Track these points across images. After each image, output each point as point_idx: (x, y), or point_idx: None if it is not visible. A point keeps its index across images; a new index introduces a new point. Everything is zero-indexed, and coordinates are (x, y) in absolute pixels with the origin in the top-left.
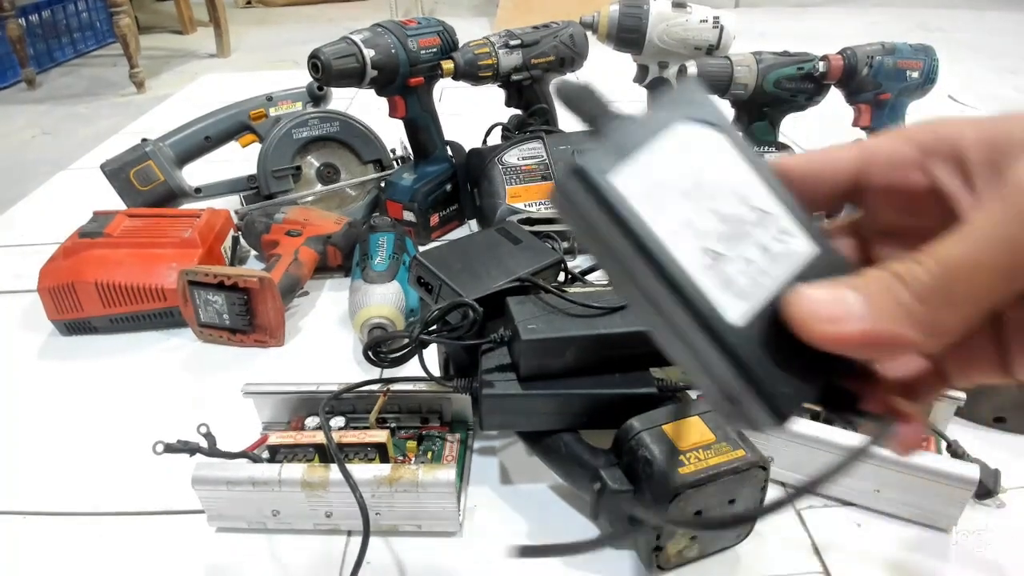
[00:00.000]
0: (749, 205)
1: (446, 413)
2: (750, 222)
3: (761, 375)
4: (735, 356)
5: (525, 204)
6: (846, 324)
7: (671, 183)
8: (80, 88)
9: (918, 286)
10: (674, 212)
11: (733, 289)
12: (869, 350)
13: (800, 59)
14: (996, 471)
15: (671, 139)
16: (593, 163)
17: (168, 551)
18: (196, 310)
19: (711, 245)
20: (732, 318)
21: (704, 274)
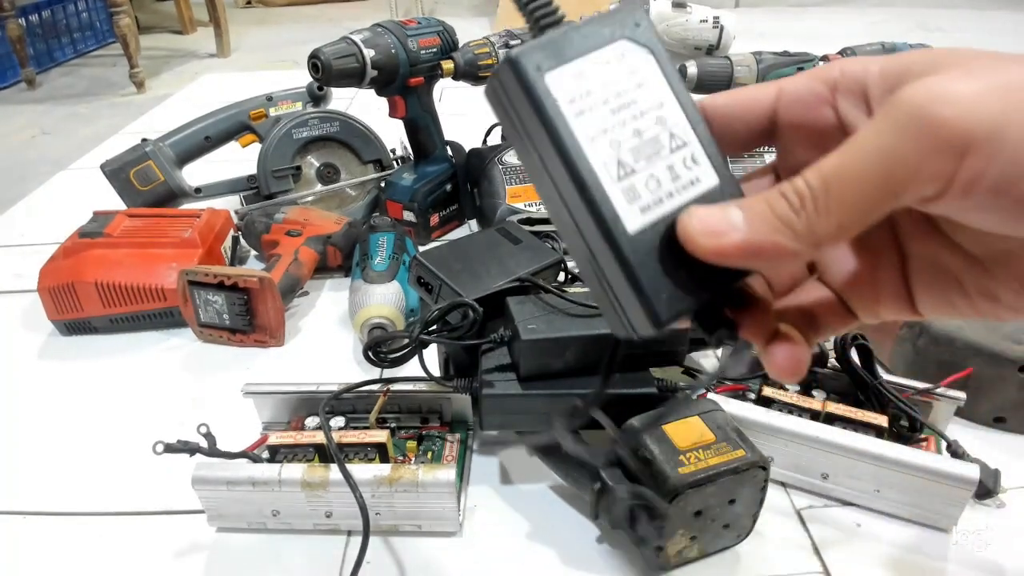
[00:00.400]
0: (667, 130)
1: (446, 413)
2: (665, 145)
3: (645, 280)
4: (624, 259)
5: (525, 204)
6: (727, 236)
7: (600, 94)
8: (80, 88)
9: (794, 197)
10: (597, 121)
11: (636, 201)
12: (748, 259)
13: (800, 59)
14: (996, 471)
15: (609, 53)
16: (530, 58)
17: (168, 551)
18: (196, 310)
19: (625, 158)
20: (629, 226)
21: (612, 182)
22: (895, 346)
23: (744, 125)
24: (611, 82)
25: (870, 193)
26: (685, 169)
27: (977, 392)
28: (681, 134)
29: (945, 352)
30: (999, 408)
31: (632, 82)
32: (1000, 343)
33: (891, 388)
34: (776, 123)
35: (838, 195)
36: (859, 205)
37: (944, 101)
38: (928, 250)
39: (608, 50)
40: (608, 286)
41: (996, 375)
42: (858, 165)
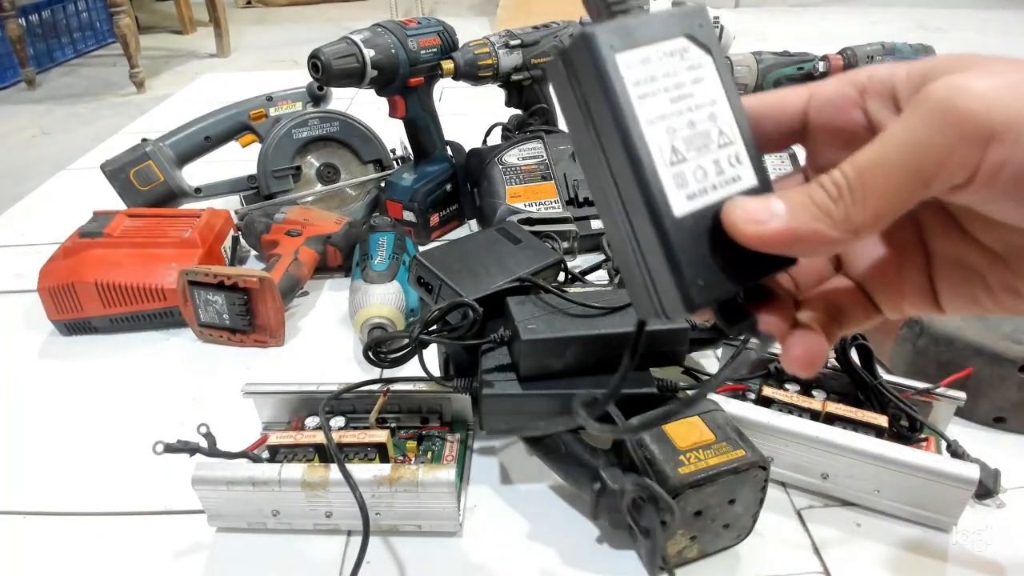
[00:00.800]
0: (717, 127)
1: (446, 413)
2: (714, 140)
3: (684, 263)
4: (667, 240)
5: (525, 204)
6: (769, 224)
7: (662, 82)
8: (80, 88)
9: (832, 187)
10: (657, 106)
11: (684, 188)
12: (788, 246)
13: (800, 59)
14: (996, 471)
15: (673, 46)
16: (604, 36)
17: (168, 551)
18: (196, 310)
19: (678, 145)
20: (675, 210)
21: (665, 166)
22: (895, 346)
23: (775, 125)
24: (672, 73)
25: (903, 182)
26: (729, 166)
27: (977, 392)
28: (729, 133)
29: (945, 352)
30: (999, 408)
31: (691, 76)
32: (1000, 343)
33: (891, 388)
34: (807, 124)
35: (873, 185)
36: (893, 194)
37: (968, 95)
38: (951, 248)
39: (672, 43)
40: (645, 266)
41: (996, 375)
42: (891, 156)
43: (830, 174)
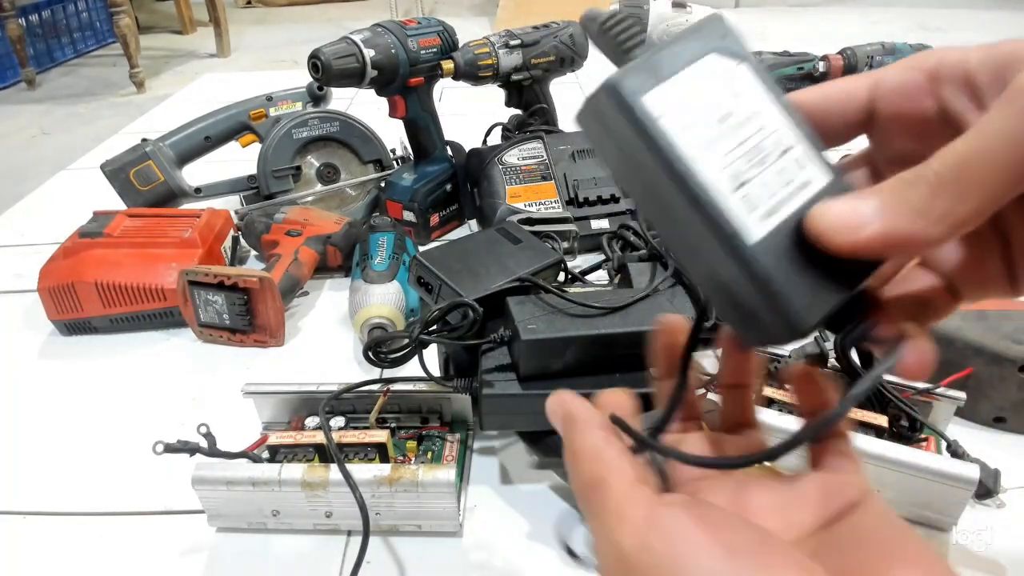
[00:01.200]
0: (771, 136)
1: (446, 413)
2: (771, 151)
3: (779, 290)
4: (754, 271)
5: (525, 204)
6: (863, 229)
7: (700, 109)
8: (80, 88)
9: (929, 183)
10: (702, 136)
11: (755, 211)
12: (886, 250)
13: (800, 59)
14: (996, 471)
15: (702, 68)
16: (627, 82)
17: (168, 551)
18: (196, 310)
19: (735, 169)
20: (753, 236)
21: (728, 196)
22: None
23: (840, 119)
24: (709, 95)
25: (1003, 176)
26: (796, 172)
27: (977, 392)
28: (785, 138)
29: (945, 352)
30: (999, 408)
31: (729, 92)
32: (1000, 343)
33: (891, 388)
34: (873, 115)
35: (973, 179)
36: (994, 188)
37: None
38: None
39: (700, 64)
40: (739, 301)
41: (996, 375)
42: (991, 150)
43: (924, 168)
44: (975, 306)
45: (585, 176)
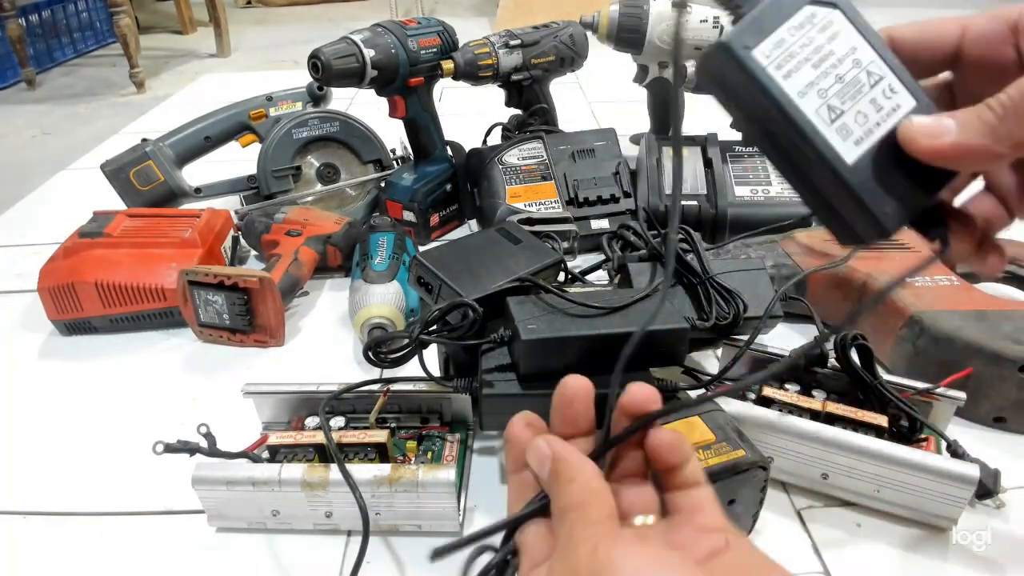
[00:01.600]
0: (864, 70)
1: (446, 413)
2: (864, 83)
3: (871, 200)
4: (850, 190)
5: (525, 204)
6: (943, 138)
7: (800, 54)
8: (80, 88)
9: (999, 108)
10: (803, 77)
11: (850, 137)
12: (959, 159)
13: None
14: (996, 471)
15: (800, 18)
16: (737, 39)
17: (168, 551)
18: (196, 310)
19: (833, 103)
20: (848, 159)
21: (826, 126)
22: (895, 346)
23: (929, 56)
24: (807, 42)
25: None
26: (886, 99)
27: (977, 392)
28: (877, 70)
29: (945, 352)
30: (999, 408)
31: (825, 36)
32: (1000, 343)
33: (891, 388)
34: (959, 56)
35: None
36: None
37: None
38: None
39: (798, 16)
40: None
41: (996, 375)
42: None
43: (996, 97)
44: (975, 306)
45: (585, 176)
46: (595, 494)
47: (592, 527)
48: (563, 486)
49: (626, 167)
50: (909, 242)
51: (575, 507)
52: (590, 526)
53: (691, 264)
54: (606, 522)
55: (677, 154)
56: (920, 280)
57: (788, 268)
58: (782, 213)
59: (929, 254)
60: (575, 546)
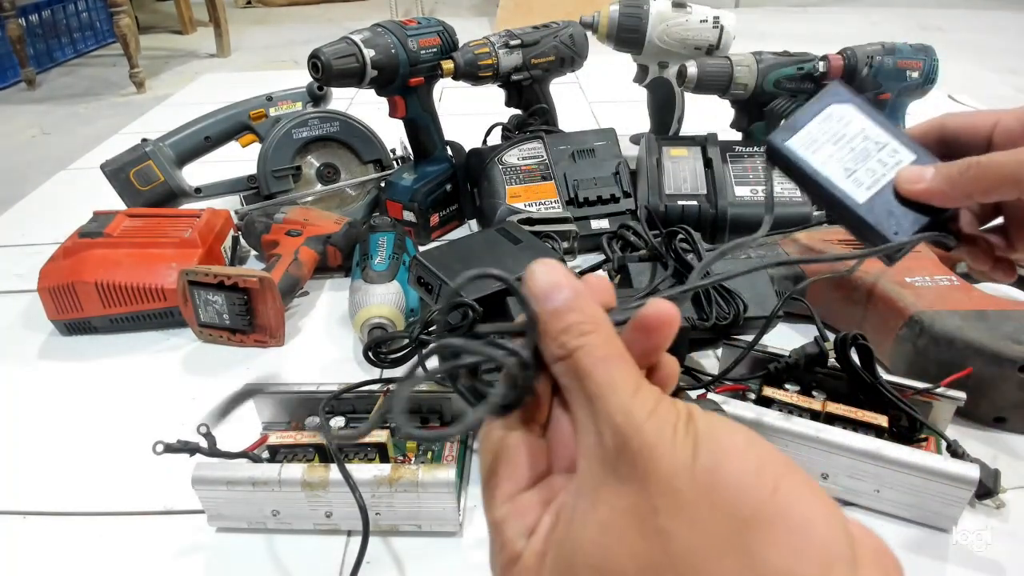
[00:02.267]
0: (872, 141)
1: (446, 413)
2: (872, 150)
3: (876, 225)
4: (862, 217)
5: (525, 204)
6: (919, 184)
7: (823, 138)
8: (80, 88)
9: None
10: (824, 152)
11: (861, 185)
12: (930, 199)
13: (800, 59)
14: (996, 471)
15: (824, 115)
16: (776, 138)
17: (168, 551)
18: (196, 310)
19: (848, 165)
20: (860, 199)
21: (843, 180)
22: (895, 346)
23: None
24: (828, 129)
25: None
26: (889, 158)
27: (977, 392)
28: (882, 140)
29: (945, 352)
30: (999, 408)
31: (840, 124)
32: (1000, 343)
33: (891, 388)
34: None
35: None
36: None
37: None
38: None
39: (823, 114)
40: (862, 232)
41: (996, 375)
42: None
43: (964, 160)
44: (975, 306)
45: (585, 176)
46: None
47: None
48: (590, 330)
49: (626, 167)
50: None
51: (623, 359)
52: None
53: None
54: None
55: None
56: (920, 280)
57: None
58: (782, 213)
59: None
60: (658, 400)
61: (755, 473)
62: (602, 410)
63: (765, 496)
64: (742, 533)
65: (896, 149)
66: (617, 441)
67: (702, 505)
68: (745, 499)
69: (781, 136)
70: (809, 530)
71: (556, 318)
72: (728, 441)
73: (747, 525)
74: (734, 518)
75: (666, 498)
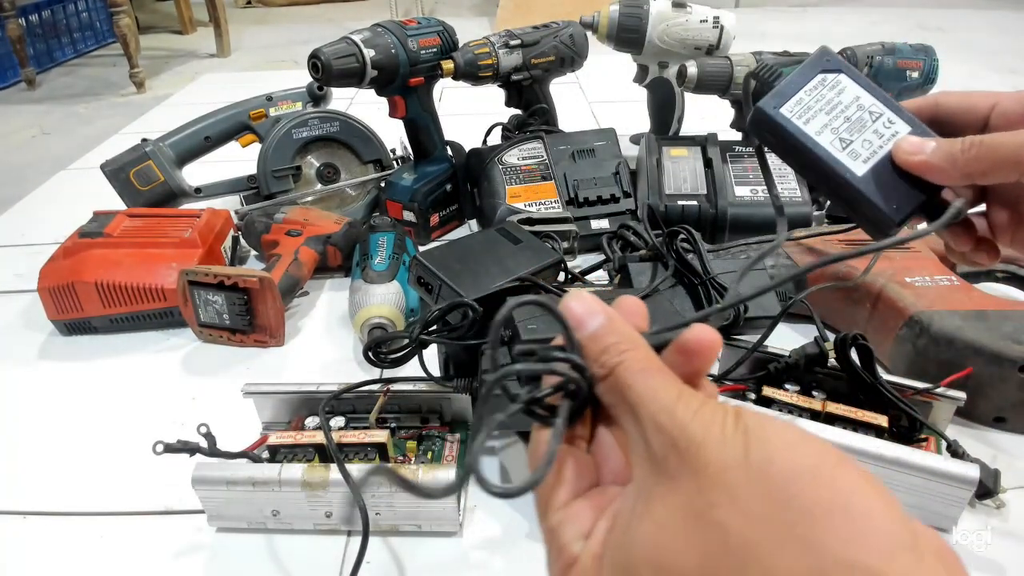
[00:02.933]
0: (866, 111)
1: (446, 413)
2: (867, 120)
3: (879, 201)
4: (862, 193)
5: (525, 204)
6: (918, 156)
7: (815, 107)
8: (80, 88)
9: (963, 145)
10: (818, 121)
11: (859, 158)
12: (927, 173)
13: (800, 59)
14: (996, 471)
15: (814, 83)
16: (767, 104)
17: (168, 551)
18: (196, 310)
19: (843, 136)
20: (858, 172)
21: (839, 151)
22: (895, 346)
23: (964, 120)
24: (820, 97)
25: (1004, 160)
26: (885, 128)
27: (977, 392)
28: (877, 110)
29: (945, 352)
30: (999, 408)
31: (834, 92)
32: (1000, 343)
33: (891, 388)
34: (987, 126)
35: (986, 153)
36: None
37: None
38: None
39: (813, 82)
40: (860, 211)
41: (996, 375)
42: (1006, 140)
43: (968, 138)
44: (975, 306)
45: (585, 176)
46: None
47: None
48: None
49: (626, 167)
50: (911, 244)
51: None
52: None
53: (692, 264)
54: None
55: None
56: (920, 280)
57: (788, 268)
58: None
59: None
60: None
61: (811, 466)
62: (646, 416)
63: (823, 488)
64: (801, 524)
65: (892, 119)
66: (664, 442)
67: (758, 498)
68: (803, 491)
69: (772, 102)
70: (870, 519)
71: (594, 341)
72: (780, 436)
73: (805, 516)
74: (792, 509)
75: (721, 493)
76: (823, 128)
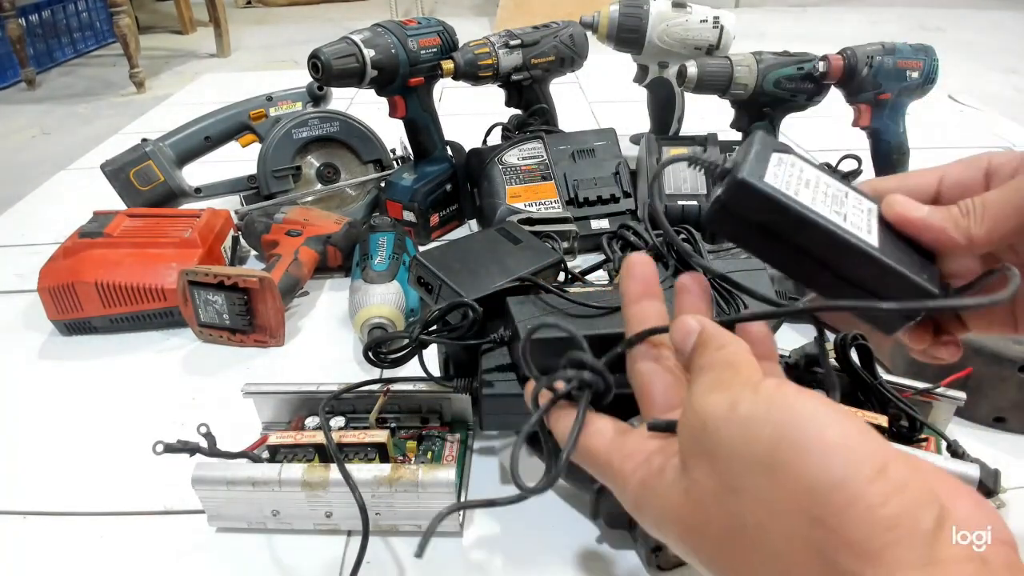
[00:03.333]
0: (832, 187)
1: (446, 413)
2: (840, 195)
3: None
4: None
5: (525, 204)
6: (915, 211)
7: (792, 181)
8: (80, 88)
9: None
10: (807, 195)
11: (860, 230)
12: (922, 232)
13: (800, 59)
14: (996, 471)
15: (776, 160)
16: (749, 174)
17: (168, 551)
18: (196, 310)
19: (835, 208)
20: (873, 242)
21: (843, 224)
22: (895, 346)
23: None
24: (789, 174)
25: (1009, 215)
26: (860, 204)
27: (977, 392)
28: (840, 187)
29: None
30: (999, 408)
31: (795, 169)
32: (1000, 343)
33: (891, 388)
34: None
35: (991, 212)
36: (1003, 221)
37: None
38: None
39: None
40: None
41: (996, 375)
42: (1005, 198)
43: (966, 200)
44: None
45: (585, 176)
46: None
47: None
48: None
49: (626, 167)
50: None
51: (728, 366)
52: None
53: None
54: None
55: None
56: None
57: None
58: None
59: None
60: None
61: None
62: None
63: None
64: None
65: (857, 196)
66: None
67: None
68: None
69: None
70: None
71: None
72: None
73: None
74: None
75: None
76: (813, 200)
